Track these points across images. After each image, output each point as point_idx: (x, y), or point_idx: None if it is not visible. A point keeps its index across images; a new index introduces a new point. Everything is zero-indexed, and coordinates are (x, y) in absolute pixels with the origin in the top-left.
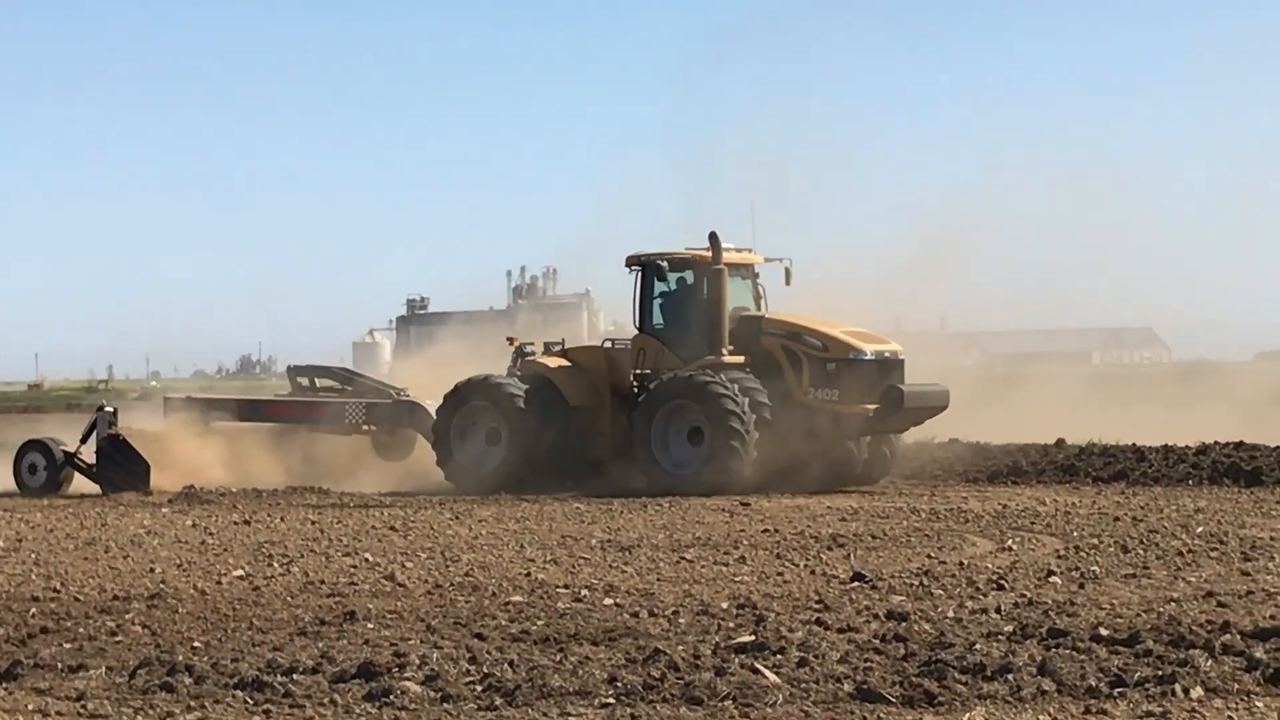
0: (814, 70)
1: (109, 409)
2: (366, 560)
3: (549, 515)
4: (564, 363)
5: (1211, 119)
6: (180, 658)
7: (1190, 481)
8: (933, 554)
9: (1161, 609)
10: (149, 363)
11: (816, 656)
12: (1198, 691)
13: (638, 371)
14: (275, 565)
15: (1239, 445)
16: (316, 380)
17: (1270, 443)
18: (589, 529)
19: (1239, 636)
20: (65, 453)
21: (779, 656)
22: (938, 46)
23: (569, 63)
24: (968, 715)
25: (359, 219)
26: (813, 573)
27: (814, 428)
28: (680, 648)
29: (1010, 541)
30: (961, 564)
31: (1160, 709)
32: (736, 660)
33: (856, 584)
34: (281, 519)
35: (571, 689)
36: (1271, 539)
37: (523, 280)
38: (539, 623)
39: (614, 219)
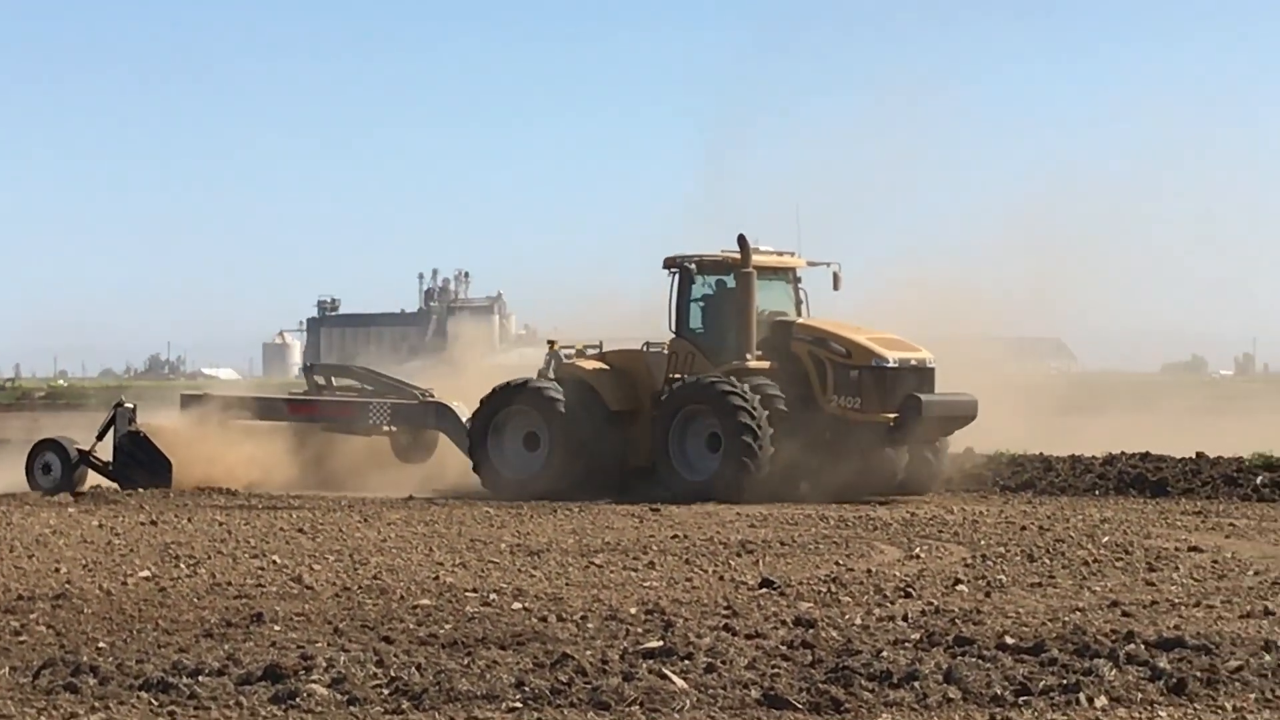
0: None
1: (128, 405)
2: (274, 562)
3: (458, 519)
4: (602, 366)
5: (1113, 125)
6: (85, 658)
7: (1097, 491)
8: (841, 561)
9: (1067, 618)
10: (56, 361)
11: (724, 663)
12: (1102, 700)
13: (671, 376)
14: (182, 566)
15: (1145, 456)
16: (334, 379)
17: (1176, 454)
18: (498, 533)
19: (1143, 646)
20: (80, 451)
21: (687, 662)
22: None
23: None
24: None
25: (268, 219)
26: (721, 579)
27: (836, 436)
28: (588, 652)
29: (918, 549)
30: (869, 571)
31: (1065, 717)
32: (644, 665)
33: (765, 590)
34: (189, 520)
35: (479, 693)
36: (1176, 549)
37: (434, 283)
38: (447, 626)
39: (527, 224)
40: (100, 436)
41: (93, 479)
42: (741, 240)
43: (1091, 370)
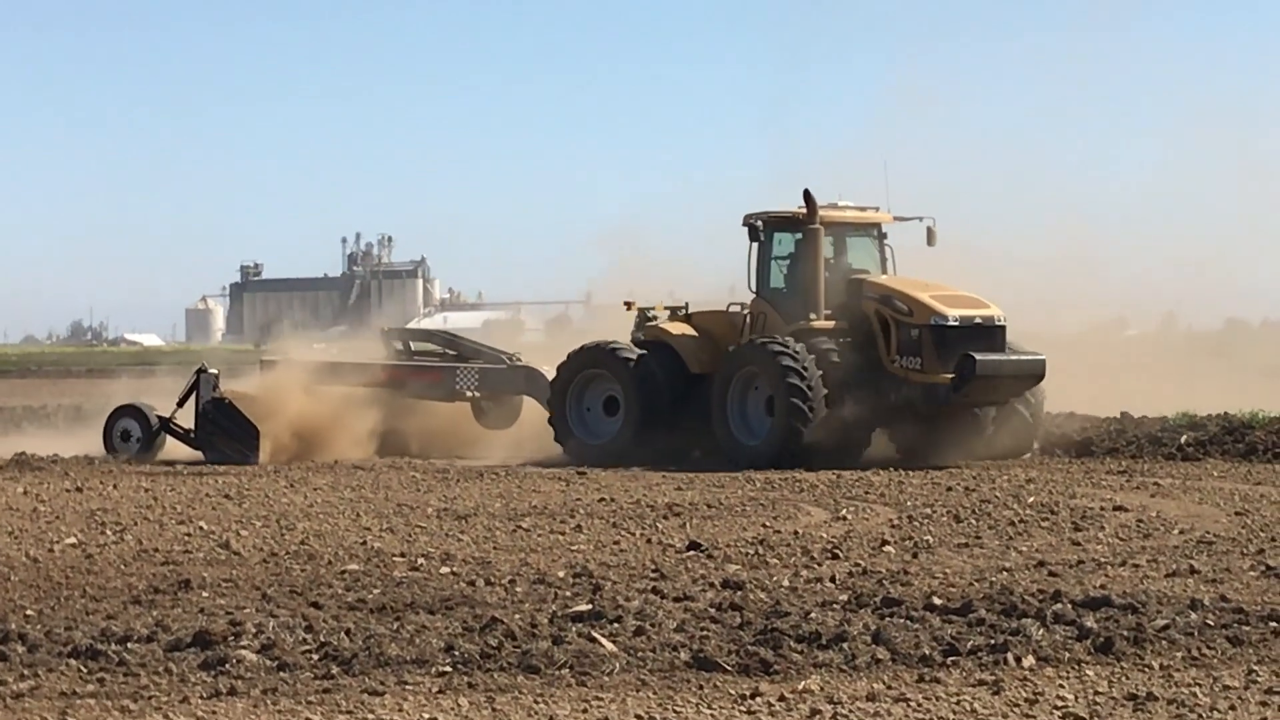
0: None
1: (211, 371)
2: (201, 528)
3: (385, 484)
4: (687, 328)
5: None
6: (13, 626)
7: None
8: (768, 523)
9: (994, 578)
10: None
11: (653, 625)
12: (1029, 660)
13: (750, 337)
14: (109, 533)
15: (1070, 416)
16: (412, 344)
17: (1101, 414)
18: (425, 497)
19: (1070, 606)
20: (160, 418)
21: (616, 625)
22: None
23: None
24: (803, 684)
25: (190, 183)
26: (649, 542)
27: (901, 398)
28: (517, 616)
29: (845, 511)
30: (796, 533)
31: (992, 677)
32: (573, 629)
33: (692, 553)
34: (114, 486)
35: (408, 658)
36: (1101, 509)
37: (358, 247)
38: (375, 591)
39: (450, 186)
40: (181, 403)
41: (171, 447)
42: (806, 195)
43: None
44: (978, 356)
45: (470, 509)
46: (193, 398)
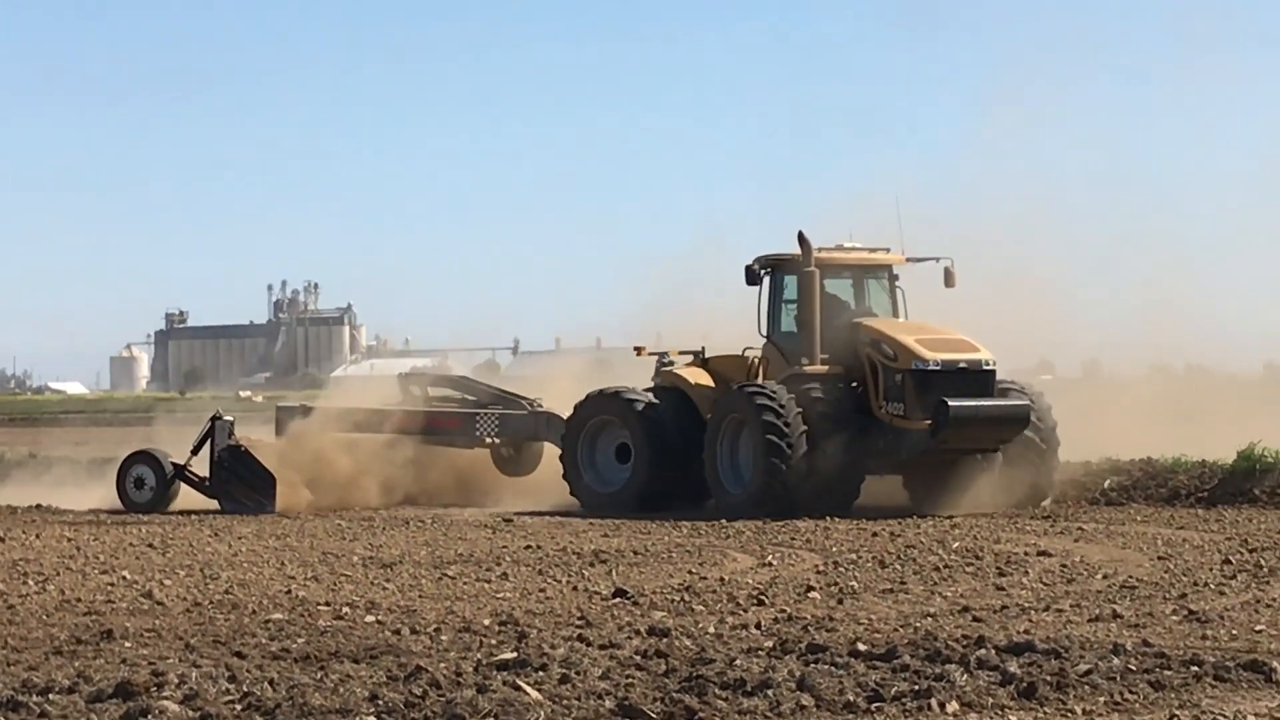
0: None
1: (227, 418)
2: (124, 578)
3: (310, 532)
4: (702, 373)
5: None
6: None
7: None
8: (694, 570)
9: (918, 624)
10: None
11: (578, 673)
12: (953, 706)
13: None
14: (30, 583)
15: None
16: (431, 389)
17: None
18: (350, 546)
19: (993, 651)
20: (175, 465)
21: (541, 673)
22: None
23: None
24: None
25: (114, 231)
26: (575, 589)
27: (889, 445)
28: (442, 665)
29: (770, 557)
30: (722, 580)
31: None
32: (498, 677)
33: (618, 600)
34: (37, 536)
35: (332, 707)
36: (1025, 554)
37: (284, 294)
38: (299, 640)
39: (377, 233)
40: (195, 450)
41: (185, 495)
42: (800, 238)
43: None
44: (951, 401)
45: (396, 557)
46: (207, 445)
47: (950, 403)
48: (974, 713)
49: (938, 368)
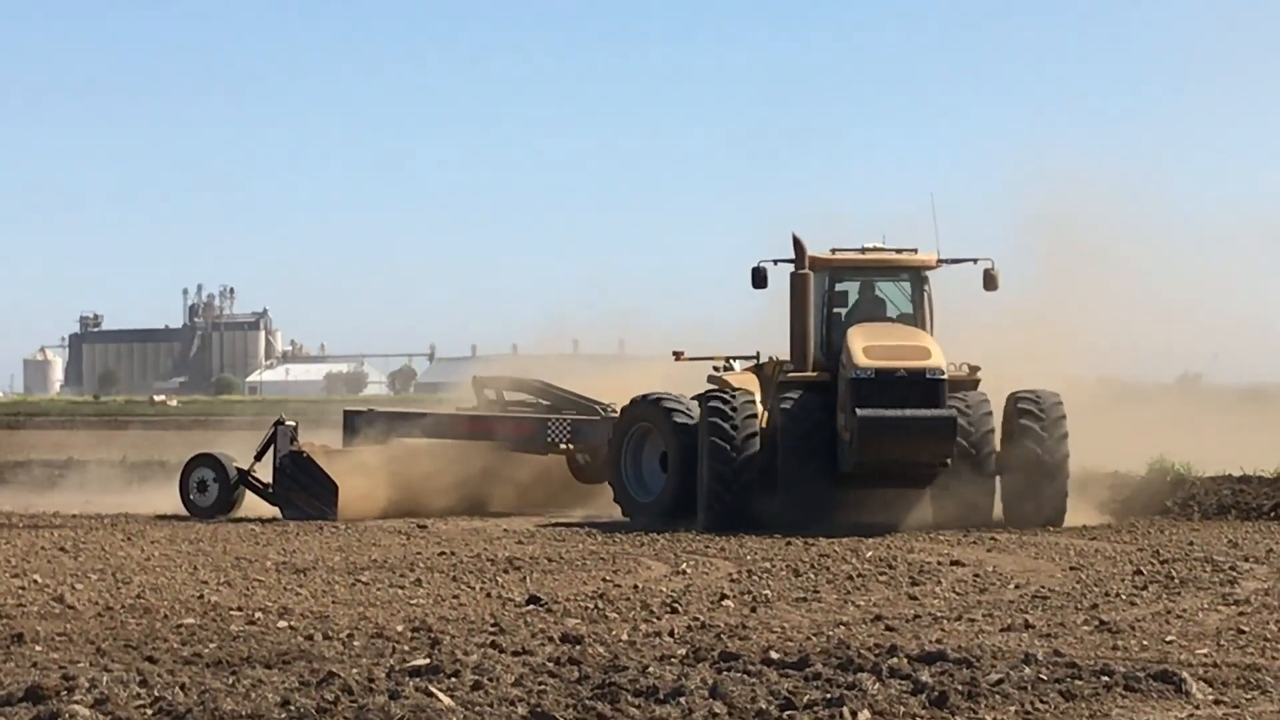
0: None
1: (289, 423)
2: (35, 582)
3: (223, 537)
4: (750, 378)
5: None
6: None
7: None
8: (608, 577)
9: (831, 632)
10: None
11: (491, 680)
12: (865, 714)
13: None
14: None
15: None
16: (505, 393)
17: None
18: (264, 551)
19: (906, 660)
20: (239, 470)
21: (454, 680)
22: None
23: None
24: None
25: (27, 230)
26: (488, 595)
27: (840, 459)
28: (354, 671)
29: (684, 565)
30: (636, 587)
31: None
32: (411, 683)
33: (532, 607)
34: None
35: (244, 712)
36: (938, 564)
37: (199, 298)
38: (211, 645)
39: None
40: (259, 456)
41: (250, 501)
42: (795, 240)
43: None
44: (860, 410)
45: (309, 562)
46: (271, 451)
47: (859, 411)
48: None
49: (870, 375)
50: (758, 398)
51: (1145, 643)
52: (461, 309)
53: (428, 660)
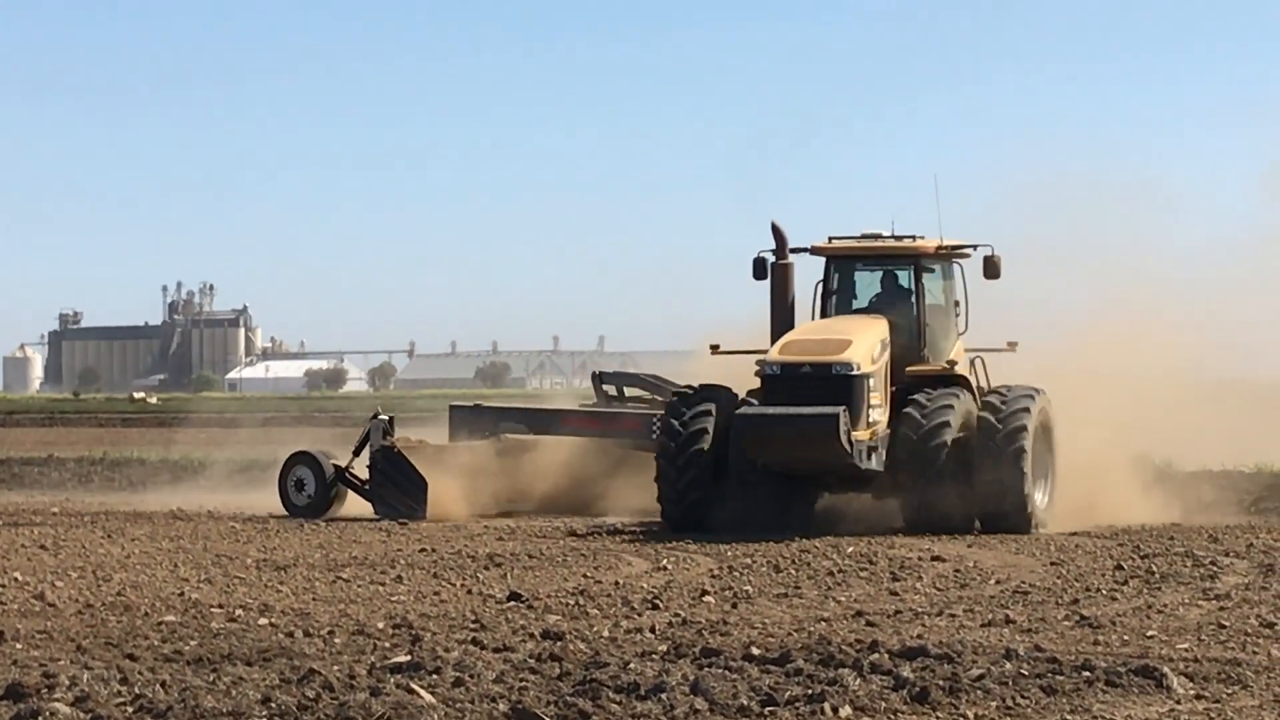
0: None
1: (383, 416)
2: (15, 579)
3: (203, 534)
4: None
5: None
6: None
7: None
8: (589, 574)
9: (812, 628)
10: None
11: (472, 676)
12: (846, 710)
13: None
14: None
15: None
16: (625, 389)
17: None
18: (244, 548)
19: (887, 655)
20: (336, 467)
21: (435, 676)
22: None
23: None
24: None
25: (6, 227)
26: (469, 592)
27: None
28: (335, 668)
29: (665, 561)
30: (617, 584)
31: None
32: (392, 680)
33: (513, 603)
34: None
35: (225, 710)
36: (919, 559)
37: (179, 295)
38: (192, 643)
39: (272, 234)
40: (356, 452)
41: (353, 500)
42: (774, 229)
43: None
44: (739, 410)
45: (290, 560)
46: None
47: (737, 410)
48: (867, 717)
49: (775, 372)
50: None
51: (1126, 638)
52: (441, 306)
53: (409, 657)
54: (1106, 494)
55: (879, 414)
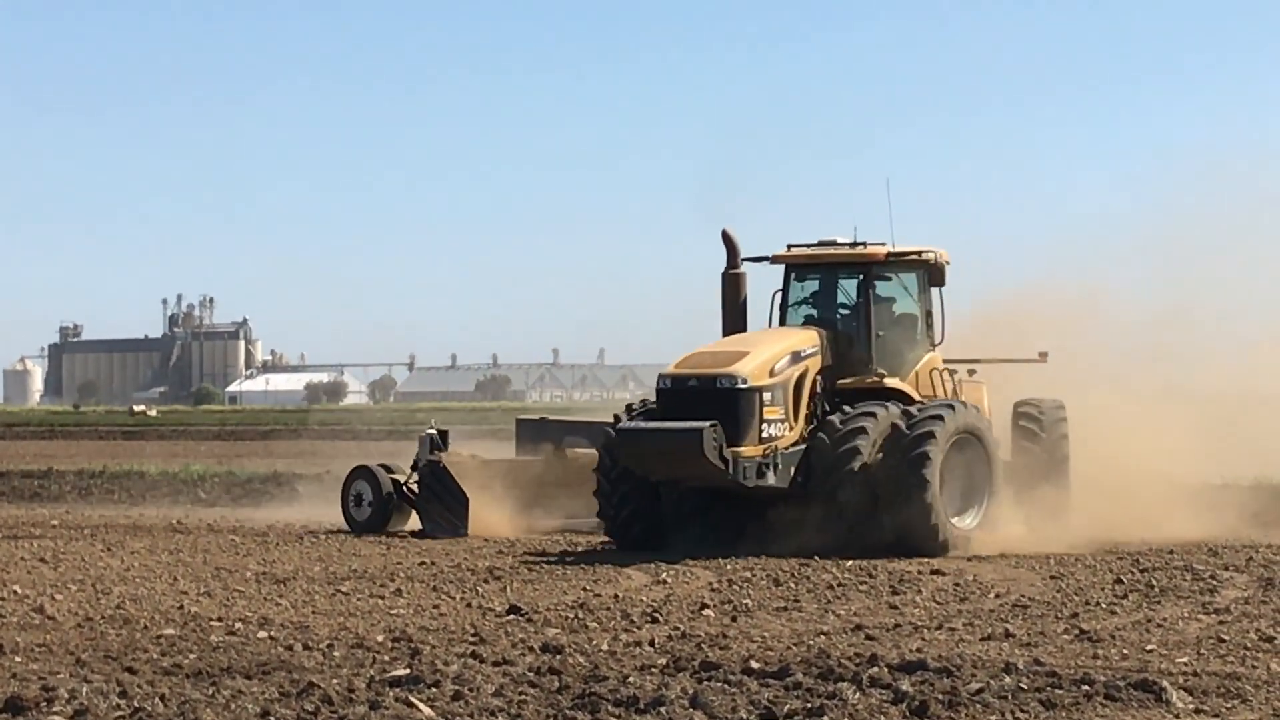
0: None
1: (433, 430)
2: (15, 592)
3: (203, 547)
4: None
5: None
6: None
7: None
8: (588, 587)
9: (811, 642)
10: None
11: (471, 690)
12: None
13: None
14: None
15: None
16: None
17: None
18: (244, 561)
19: (886, 669)
20: (395, 481)
21: (434, 690)
22: None
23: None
24: None
25: (6, 240)
26: (469, 605)
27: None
28: (335, 681)
29: (665, 575)
30: (616, 597)
31: None
32: (391, 694)
33: (512, 617)
34: None
35: None
36: (919, 573)
37: (179, 308)
38: (191, 656)
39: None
40: (414, 466)
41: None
42: (725, 237)
43: None
44: (619, 424)
45: (289, 573)
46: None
47: (616, 427)
48: None
49: (665, 386)
50: None
51: (1126, 651)
52: (441, 319)
53: (408, 670)
54: (1133, 511)
55: (780, 429)
